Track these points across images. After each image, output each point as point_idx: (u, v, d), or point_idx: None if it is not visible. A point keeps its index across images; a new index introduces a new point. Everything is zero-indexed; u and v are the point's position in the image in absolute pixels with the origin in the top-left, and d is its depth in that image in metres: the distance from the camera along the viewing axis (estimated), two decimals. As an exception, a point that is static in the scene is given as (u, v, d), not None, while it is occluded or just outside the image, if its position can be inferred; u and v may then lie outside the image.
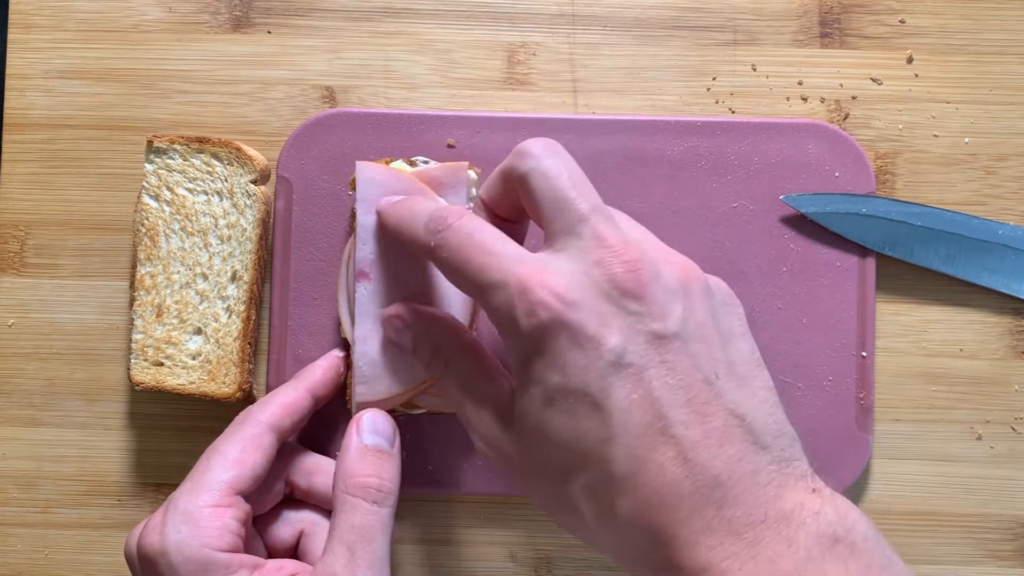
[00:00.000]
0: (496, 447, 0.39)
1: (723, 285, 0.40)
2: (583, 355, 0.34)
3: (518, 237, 0.43)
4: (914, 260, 0.55)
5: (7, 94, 0.58)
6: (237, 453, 0.45)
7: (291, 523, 0.49)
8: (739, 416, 0.35)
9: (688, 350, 0.35)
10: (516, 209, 0.42)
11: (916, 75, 0.57)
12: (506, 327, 0.37)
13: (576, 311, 0.34)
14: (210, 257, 0.54)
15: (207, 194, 0.55)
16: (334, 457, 0.50)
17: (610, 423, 0.34)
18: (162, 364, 0.54)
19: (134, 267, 0.54)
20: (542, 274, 0.35)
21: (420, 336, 0.44)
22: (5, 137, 0.58)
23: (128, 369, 0.54)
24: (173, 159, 0.55)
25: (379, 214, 0.46)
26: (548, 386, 0.35)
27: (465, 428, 0.41)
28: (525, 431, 0.37)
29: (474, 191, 0.55)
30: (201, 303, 0.54)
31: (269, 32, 0.58)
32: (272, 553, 0.49)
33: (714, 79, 0.57)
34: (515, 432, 0.38)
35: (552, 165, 0.38)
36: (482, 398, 0.40)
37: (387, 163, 0.54)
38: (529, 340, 0.35)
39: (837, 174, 0.55)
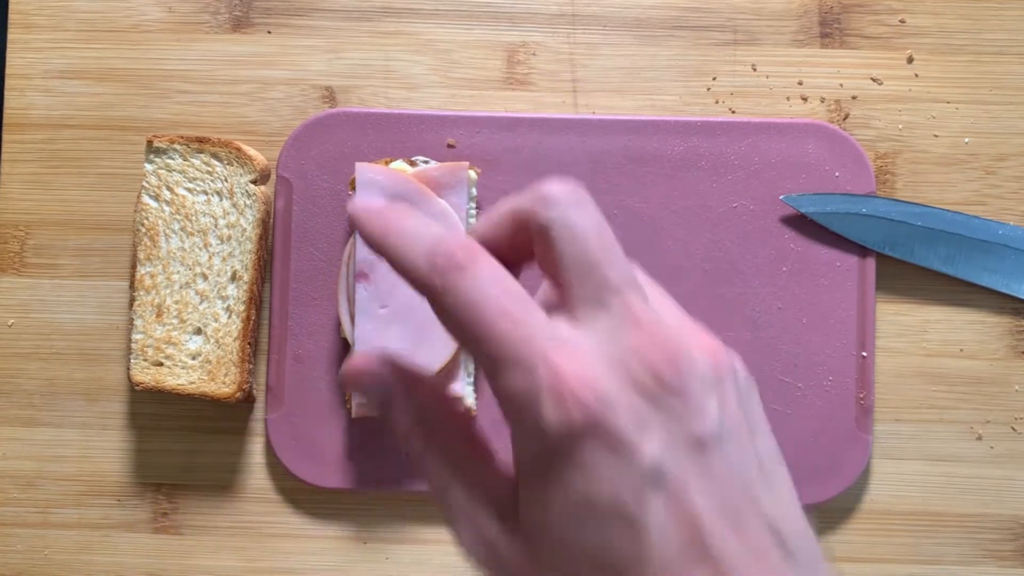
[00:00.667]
0: (491, 547, 0.33)
1: (738, 359, 0.37)
2: (617, 464, 0.30)
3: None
4: (914, 260, 0.55)
5: (7, 94, 0.58)
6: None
7: None
8: (773, 525, 0.32)
9: (726, 453, 0.32)
10: (518, 252, 0.36)
11: (916, 75, 0.57)
12: (521, 417, 0.32)
13: (613, 411, 0.30)
14: (210, 257, 0.54)
15: (207, 194, 0.55)
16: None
17: (646, 542, 0.30)
18: (162, 364, 0.54)
19: (134, 267, 0.54)
20: (575, 360, 0.31)
21: (396, 397, 0.36)
22: (5, 137, 0.58)
23: (128, 369, 0.54)
24: (173, 159, 0.55)
25: (355, 221, 0.36)
26: (571, 495, 0.31)
27: (448, 521, 0.34)
28: (535, 538, 0.32)
29: (474, 191, 0.55)
30: (201, 303, 0.54)
31: (269, 32, 0.58)
32: None
33: (714, 79, 0.57)
34: (519, 536, 0.33)
35: (580, 219, 0.33)
36: (475, 485, 0.34)
37: (387, 163, 0.54)
38: (552, 438, 0.31)
39: (837, 174, 0.55)
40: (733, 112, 0.57)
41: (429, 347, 0.51)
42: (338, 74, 0.58)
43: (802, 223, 0.55)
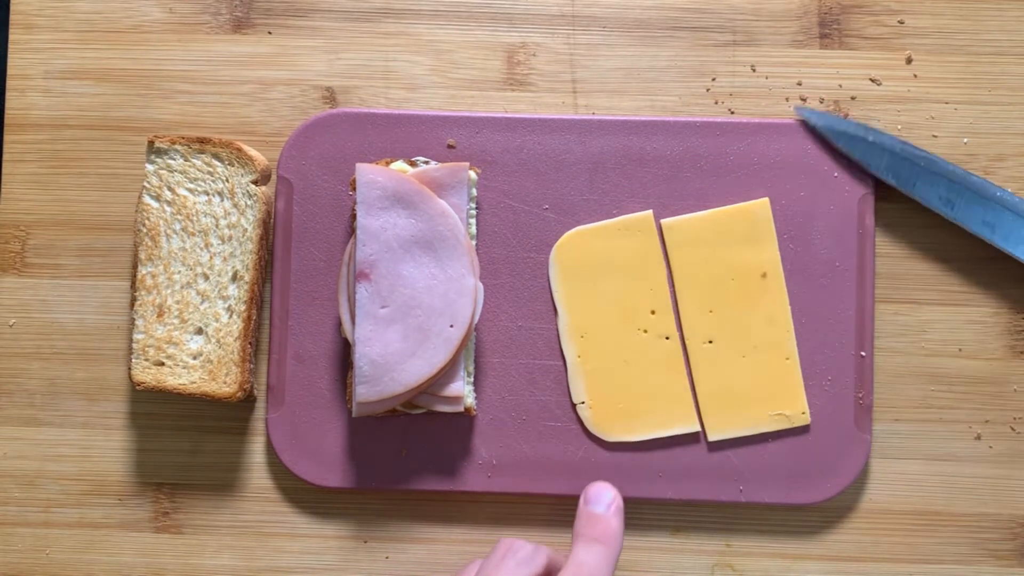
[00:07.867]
0: None
1: None
2: None
3: None
4: (915, 195, 0.55)
5: (8, 94, 0.58)
6: None
7: None
8: None
9: None
10: None
11: (915, 75, 0.57)
12: None
13: None
14: (211, 257, 0.55)
15: (208, 194, 0.55)
16: None
17: None
18: (163, 364, 0.54)
19: (135, 267, 0.55)
20: None
21: None
22: (6, 137, 0.58)
23: (129, 369, 0.54)
24: (174, 159, 0.55)
25: None
26: None
27: None
28: None
29: (474, 191, 0.55)
30: (202, 303, 0.54)
31: (269, 33, 0.58)
32: None
33: (714, 80, 0.58)
34: None
35: None
36: None
37: (387, 164, 0.54)
38: None
39: (836, 174, 0.56)
40: (732, 112, 0.57)
41: (429, 347, 0.52)
42: (338, 74, 0.58)
43: (801, 224, 0.55)
